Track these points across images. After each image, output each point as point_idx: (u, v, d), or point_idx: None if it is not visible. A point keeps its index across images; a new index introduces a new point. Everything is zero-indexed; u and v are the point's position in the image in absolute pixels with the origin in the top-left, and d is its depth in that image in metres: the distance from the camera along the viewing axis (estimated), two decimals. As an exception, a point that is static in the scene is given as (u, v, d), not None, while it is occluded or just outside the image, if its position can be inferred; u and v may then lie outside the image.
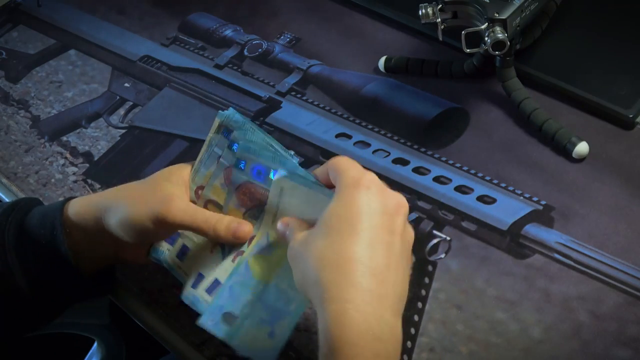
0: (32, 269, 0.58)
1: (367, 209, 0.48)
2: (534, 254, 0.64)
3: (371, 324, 0.45)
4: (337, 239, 0.48)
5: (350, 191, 0.49)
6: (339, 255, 0.47)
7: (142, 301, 0.65)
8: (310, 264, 0.48)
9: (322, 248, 0.48)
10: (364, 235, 0.48)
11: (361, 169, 0.51)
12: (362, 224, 0.48)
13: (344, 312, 0.46)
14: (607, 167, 0.68)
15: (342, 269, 0.47)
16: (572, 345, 0.58)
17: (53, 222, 0.58)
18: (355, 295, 0.46)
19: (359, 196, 0.49)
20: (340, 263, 0.47)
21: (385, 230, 0.49)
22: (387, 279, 0.47)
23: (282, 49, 0.85)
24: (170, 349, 0.64)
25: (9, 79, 0.88)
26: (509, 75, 0.72)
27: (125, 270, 0.67)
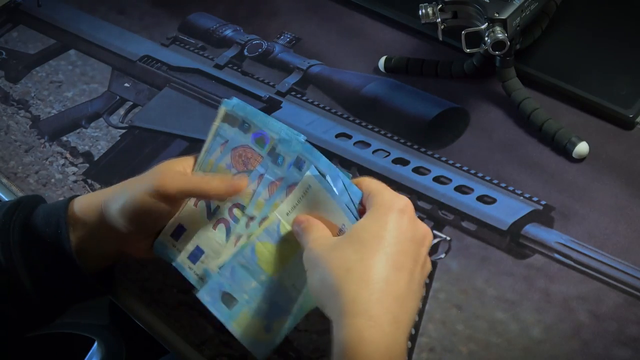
0: (37, 267, 0.58)
1: (398, 233, 0.49)
2: (534, 254, 0.64)
3: (389, 345, 0.46)
4: (367, 254, 0.48)
5: (385, 211, 0.50)
6: (366, 270, 0.48)
7: (142, 301, 0.65)
8: (334, 272, 0.48)
9: (350, 260, 0.48)
10: (394, 258, 0.49)
11: (396, 193, 0.52)
12: (393, 246, 0.49)
13: (367, 328, 0.46)
14: (607, 167, 0.68)
15: (369, 285, 0.47)
16: (572, 345, 0.58)
17: (58, 220, 0.58)
18: (380, 314, 0.46)
19: (393, 218, 0.50)
20: (368, 279, 0.47)
21: (411, 257, 0.50)
22: (407, 304, 0.48)
23: (282, 49, 0.85)
24: (170, 348, 0.64)
25: (9, 79, 0.88)
26: (509, 75, 0.72)
27: (125, 270, 0.67)
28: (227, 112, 0.59)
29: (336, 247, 0.50)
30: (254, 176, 0.57)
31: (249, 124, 0.58)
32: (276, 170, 0.56)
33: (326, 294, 0.49)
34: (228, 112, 0.59)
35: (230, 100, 0.59)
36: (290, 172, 0.56)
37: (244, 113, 0.58)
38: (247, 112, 0.58)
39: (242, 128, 0.58)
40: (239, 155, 0.58)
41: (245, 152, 0.58)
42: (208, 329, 0.63)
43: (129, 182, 0.58)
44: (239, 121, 0.58)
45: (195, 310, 0.64)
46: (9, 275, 0.57)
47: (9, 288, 0.58)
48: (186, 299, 0.64)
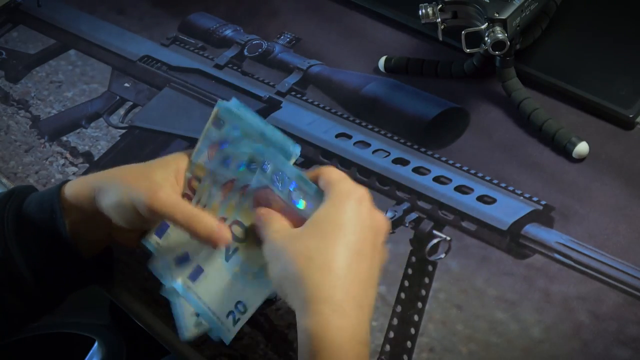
0: (33, 254, 0.58)
1: (357, 220, 0.50)
2: (534, 254, 0.64)
3: (355, 329, 0.47)
4: (328, 242, 0.49)
5: (343, 199, 0.51)
6: (328, 258, 0.48)
7: (142, 301, 0.65)
8: (295, 262, 0.49)
9: (312, 249, 0.49)
10: (354, 244, 0.49)
11: (354, 183, 0.53)
12: (353, 233, 0.49)
13: (331, 314, 0.47)
14: (607, 167, 0.68)
15: (332, 272, 0.48)
16: (572, 345, 0.58)
17: (52, 205, 0.58)
18: (344, 300, 0.47)
19: (351, 206, 0.50)
20: (330, 267, 0.48)
21: (370, 243, 0.50)
22: (368, 289, 0.49)
23: (282, 49, 0.85)
24: (170, 349, 0.64)
25: (9, 79, 0.88)
26: (509, 75, 0.72)
27: (126, 270, 0.67)
28: (217, 114, 0.58)
29: (296, 236, 0.50)
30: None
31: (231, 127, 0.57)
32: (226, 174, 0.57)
33: (289, 283, 0.49)
34: (219, 115, 0.58)
35: (222, 102, 0.58)
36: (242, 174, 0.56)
37: (231, 118, 0.57)
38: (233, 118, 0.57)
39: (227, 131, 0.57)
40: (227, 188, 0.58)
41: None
42: (208, 329, 0.63)
43: (123, 179, 0.57)
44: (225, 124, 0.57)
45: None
46: (6, 264, 0.57)
47: (7, 278, 0.58)
48: (186, 299, 0.65)
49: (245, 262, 0.56)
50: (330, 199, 0.51)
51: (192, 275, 0.57)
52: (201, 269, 0.57)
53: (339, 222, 0.50)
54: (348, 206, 0.50)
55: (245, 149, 0.56)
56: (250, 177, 0.55)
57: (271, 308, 0.63)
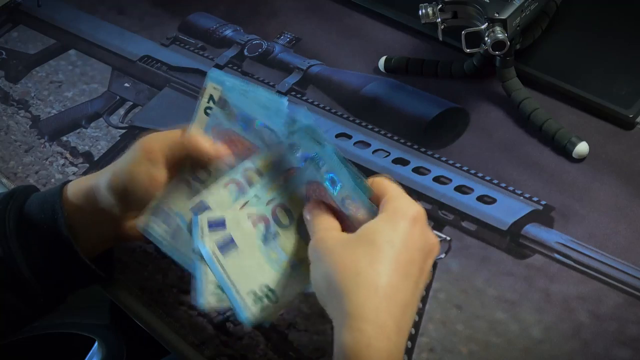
0: (34, 254, 0.58)
1: (409, 241, 0.49)
2: (534, 254, 0.64)
3: (392, 352, 0.46)
4: (378, 259, 0.47)
5: (399, 217, 0.49)
6: (377, 277, 0.47)
7: (142, 301, 0.65)
8: (342, 273, 0.47)
9: (360, 263, 0.47)
10: (403, 266, 0.48)
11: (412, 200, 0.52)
12: (403, 253, 0.48)
13: (374, 335, 0.46)
14: (607, 167, 0.68)
15: (378, 292, 0.47)
16: (572, 345, 0.58)
17: (53, 206, 0.58)
18: (387, 322, 0.46)
19: (406, 225, 0.49)
20: (377, 286, 0.47)
21: (418, 266, 0.49)
22: (408, 314, 0.48)
23: (282, 49, 0.85)
24: (170, 349, 0.64)
25: (9, 79, 0.88)
26: (509, 75, 0.72)
27: (126, 270, 0.67)
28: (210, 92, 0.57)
29: (346, 245, 0.49)
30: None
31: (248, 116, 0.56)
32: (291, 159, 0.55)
33: (331, 293, 0.48)
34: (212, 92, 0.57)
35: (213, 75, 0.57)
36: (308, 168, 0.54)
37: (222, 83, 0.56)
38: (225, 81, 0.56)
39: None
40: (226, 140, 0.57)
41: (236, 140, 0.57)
42: (208, 329, 0.63)
43: (117, 160, 0.58)
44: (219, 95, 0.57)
45: (195, 310, 0.64)
46: (7, 265, 0.58)
47: (9, 278, 0.58)
48: (186, 299, 0.65)
49: (285, 250, 0.54)
50: (385, 214, 0.50)
51: (222, 245, 0.54)
52: (234, 242, 0.54)
53: (391, 239, 0.48)
54: (402, 224, 0.49)
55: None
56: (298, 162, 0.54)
57: (271, 308, 0.63)
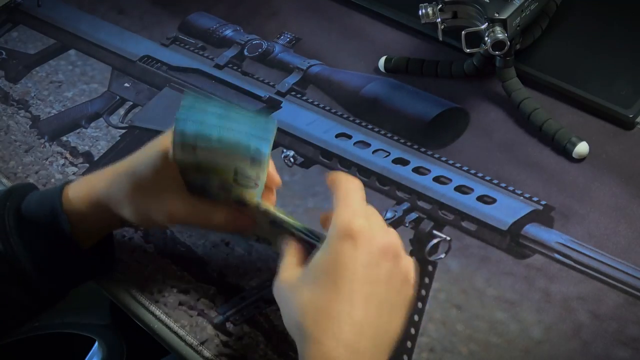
0: (36, 248, 0.59)
1: (349, 263, 0.49)
2: (534, 254, 0.64)
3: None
4: (319, 292, 0.49)
5: (336, 243, 0.50)
6: (319, 309, 0.49)
7: (142, 301, 0.65)
8: (294, 310, 0.50)
9: (306, 299, 0.50)
10: (345, 291, 0.49)
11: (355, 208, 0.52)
12: (343, 279, 0.49)
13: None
14: (607, 167, 0.68)
15: (323, 323, 0.49)
16: (572, 345, 0.58)
17: (52, 201, 0.59)
18: (335, 349, 0.48)
19: (344, 248, 0.50)
20: (321, 318, 0.49)
21: (366, 282, 0.50)
22: (365, 332, 0.49)
23: (282, 49, 0.85)
24: (170, 349, 0.64)
25: (9, 79, 0.88)
26: (509, 75, 0.72)
27: (126, 270, 0.67)
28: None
29: (297, 284, 0.51)
30: None
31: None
32: None
33: (291, 328, 0.51)
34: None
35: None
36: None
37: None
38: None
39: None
40: None
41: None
42: (208, 329, 0.63)
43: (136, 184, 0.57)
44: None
45: (195, 310, 0.64)
46: (9, 260, 0.58)
47: (11, 272, 0.58)
48: (186, 299, 0.65)
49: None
50: (326, 242, 0.51)
51: None
52: None
53: (330, 269, 0.50)
54: (340, 250, 0.50)
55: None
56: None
57: (271, 308, 0.63)
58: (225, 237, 0.68)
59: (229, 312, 0.63)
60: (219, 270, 0.66)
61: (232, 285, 0.65)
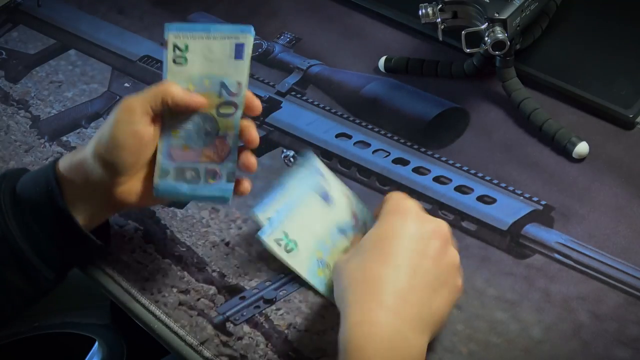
0: (32, 229, 0.59)
1: (400, 233, 0.52)
2: (534, 254, 0.64)
3: (384, 336, 0.49)
4: (368, 260, 0.52)
5: (387, 217, 0.54)
6: (365, 274, 0.51)
7: (142, 301, 0.65)
8: (344, 282, 0.53)
9: (354, 268, 0.53)
10: (393, 258, 0.52)
11: (403, 195, 0.56)
12: (393, 247, 0.52)
13: (361, 321, 0.49)
14: (607, 167, 0.68)
15: (366, 286, 0.51)
16: (572, 345, 0.58)
17: (47, 181, 0.59)
18: (375, 309, 0.50)
19: (395, 220, 0.53)
20: (367, 281, 0.51)
21: (415, 253, 0.52)
22: (409, 300, 0.51)
23: (282, 49, 0.85)
24: (170, 349, 0.64)
25: (9, 79, 0.88)
26: (509, 75, 0.72)
27: (125, 270, 0.67)
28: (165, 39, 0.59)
29: (348, 260, 0.54)
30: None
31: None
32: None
33: (340, 302, 0.53)
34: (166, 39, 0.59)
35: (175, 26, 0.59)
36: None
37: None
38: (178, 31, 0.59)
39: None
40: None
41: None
42: (208, 329, 0.63)
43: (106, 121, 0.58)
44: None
45: (195, 310, 0.64)
46: (6, 242, 0.58)
47: (9, 256, 0.58)
48: (186, 299, 0.65)
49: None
50: (379, 219, 0.54)
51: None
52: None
53: (381, 239, 0.53)
54: (392, 221, 0.53)
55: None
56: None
57: (271, 308, 0.63)
58: (225, 237, 0.69)
59: (229, 312, 0.63)
60: (219, 270, 0.66)
61: (232, 285, 0.65)
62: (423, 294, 0.51)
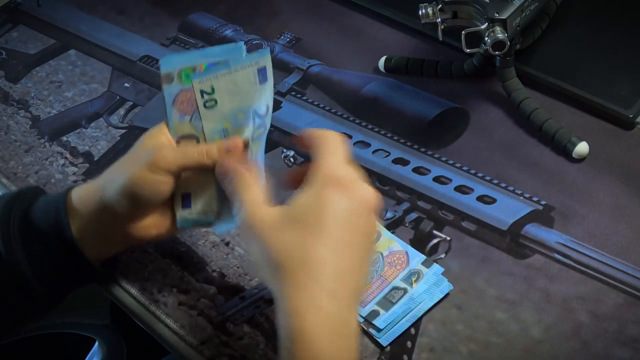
0: (38, 256, 0.58)
1: (335, 210, 0.50)
2: (534, 254, 0.64)
3: (329, 320, 0.48)
4: (306, 236, 0.49)
5: (321, 188, 0.50)
6: (305, 253, 0.49)
7: (143, 301, 0.65)
8: (272, 250, 0.50)
9: (290, 242, 0.49)
10: (331, 237, 0.49)
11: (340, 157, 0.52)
12: (329, 225, 0.49)
13: (306, 308, 0.48)
14: (607, 167, 0.68)
15: (308, 267, 0.49)
16: (572, 345, 0.58)
17: (57, 207, 0.59)
18: (319, 295, 0.48)
19: (329, 194, 0.50)
20: (307, 262, 0.49)
21: (351, 231, 0.50)
22: (349, 280, 0.50)
23: (282, 49, 0.85)
24: (170, 349, 0.64)
25: (9, 79, 0.88)
26: (509, 75, 0.72)
27: (126, 270, 0.67)
28: (164, 74, 0.59)
29: (276, 227, 0.50)
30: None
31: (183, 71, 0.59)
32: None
33: (267, 270, 0.50)
34: (164, 73, 0.59)
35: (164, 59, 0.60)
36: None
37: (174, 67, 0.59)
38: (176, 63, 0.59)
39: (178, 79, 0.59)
40: (180, 103, 0.59)
41: (184, 96, 0.59)
42: (208, 329, 0.63)
43: (123, 163, 0.59)
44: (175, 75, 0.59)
45: (195, 310, 0.64)
46: (10, 265, 0.58)
47: (12, 278, 0.58)
48: (186, 299, 0.65)
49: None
50: (311, 185, 0.51)
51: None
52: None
53: (316, 213, 0.50)
54: (326, 195, 0.50)
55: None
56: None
57: (271, 308, 0.63)
58: (225, 237, 0.69)
59: (229, 312, 0.63)
60: (219, 270, 0.66)
61: (232, 285, 0.65)
62: (358, 272, 0.51)
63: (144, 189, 0.56)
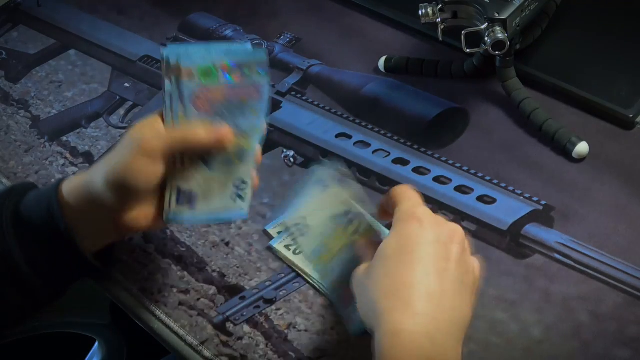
0: (31, 248, 0.58)
1: (419, 239, 0.51)
2: (534, 254, 0.64)
3: (421, 343, 0.48)
4: (394, 268, 0.51)
5: (403, 224, 0.52)
6: (395, 282, 0.50)
7: (142, 301, 0.65)
8: (370, 293, 0.51)
9: (381, 277, 0.51)
10: (419, 263, 0.50)
11: (415, 201, 0.54)
12: (415, 253, 0.51)
13: (396, 333, 0.48)
14: (607, 167, 0.68)
15: (398, 294, 0.49)
16: (572, 345, 0.58)
17: (49, 200, 0.58)
18: (408, 317, 0.48)
19: (412, 228, 0.52)
20: (397, 289, 0.50)
21: (439, 258, 0.51)
22: (443, 303, 0.50)
23: (282, 49, 0.85)
24: (170, 349, 0.64)
25: (9, 79, 0.88)
26: (509, 75, 0.72)
27: (125, 270, 0.67)
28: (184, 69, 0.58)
29: (370, 269, 0.53)
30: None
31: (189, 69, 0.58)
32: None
33: (369, 315, 0.51)
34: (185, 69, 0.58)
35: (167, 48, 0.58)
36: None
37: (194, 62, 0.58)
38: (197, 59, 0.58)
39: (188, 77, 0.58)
40: (200, 100, 0.58)
41: (205, 95, 0.58)
42: (208, 329, 0.63)
43: (110, 154, 0.58)
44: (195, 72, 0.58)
45: (195, 310, 0.64)
46: (6, 260, 0.58)
47: (8, 273, 0.58)
48: (186, 299, 0.65)
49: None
50: (393, 227, 0.53)
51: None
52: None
53: (402, 246, 0.51)
54: (408, 229, 0.52)
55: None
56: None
57: (271, 308, 0.63)
58: (225, 237, 0.69)
59: (229, 312, 0.63)
60: (219, 270, 0.66)
61: (232, 285, 0.65)
62: (454, 298, 0.50)
63: (130, 176, 0.55)
